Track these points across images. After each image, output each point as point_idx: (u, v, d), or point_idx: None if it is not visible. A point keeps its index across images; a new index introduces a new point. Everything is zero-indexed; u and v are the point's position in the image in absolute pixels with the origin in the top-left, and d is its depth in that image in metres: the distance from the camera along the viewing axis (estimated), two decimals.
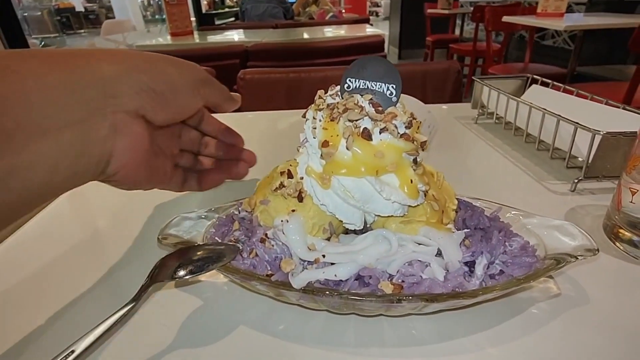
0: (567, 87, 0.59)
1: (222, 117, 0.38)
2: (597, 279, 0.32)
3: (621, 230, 0.35)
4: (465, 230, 0.28)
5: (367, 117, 0.25)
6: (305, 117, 0.28)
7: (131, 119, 0.25)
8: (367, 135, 0.24)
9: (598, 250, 0.27)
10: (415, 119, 0.27)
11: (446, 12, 4.25)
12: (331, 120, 0.25)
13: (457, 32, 5.13)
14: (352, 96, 0.26)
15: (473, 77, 0.67)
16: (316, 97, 0.28)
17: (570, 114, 0.47)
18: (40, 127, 0.20)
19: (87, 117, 0.22)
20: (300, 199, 0.27)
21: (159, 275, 0.25)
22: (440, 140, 0.67)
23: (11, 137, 0.19)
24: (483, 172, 0.53)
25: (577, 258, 0.26)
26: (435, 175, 0.30)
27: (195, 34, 2.65)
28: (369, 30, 2.62)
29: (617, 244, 0.35)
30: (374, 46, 1.80)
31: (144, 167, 0.27)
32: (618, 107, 0.49)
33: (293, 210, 0.27)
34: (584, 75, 3.45)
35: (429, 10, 4.43)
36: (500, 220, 0.31)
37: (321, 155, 0.25)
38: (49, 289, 0.32)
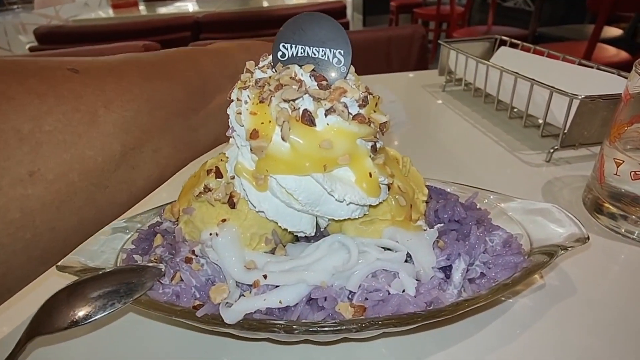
0: (538, 47, 0.55)
1: None
2: (582, 261, 0.28)
3: (605, 204, 0.32)
4: (439, 225, 0.23)
5: (307, 95, 0.18)
6: (229, 99, 0.21)
7: None
8: (308, 119, 0.18)
9: (588, 238, 0.23)
10: (372, 93, 0.21)
11: None
12: (261, 102, 0.19)
13: None
14: (288, 67, 0.19)
15: (439, 41, 0.61)
16: (243, 71, 0.21)
17: (543, 77, 0.43)
18: (213, 91, 0.27)
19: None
20: (232, 204, 0.21)
21: (44, 323, 0.19)
22: (406, 110, 0.62)
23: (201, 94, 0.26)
24: (452, 145, 0.49)
25: (567, 249, 0.23)
26: (400, 161, 0.25)
27: (142, 5, 2.41)
28: None
29: (600, 218, 0.32)
30: (334, 13, 1.69)
31: None
32: (592, 67, 0.46)
33: (224, 220, 0.21)
34: (544, 36, 3.50)
35: None
36: (478, 207, 0.26)
37: (251, 148, 0.19)
38: None
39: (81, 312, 0.19)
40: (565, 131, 0.39)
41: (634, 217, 0.30)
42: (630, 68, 0.30)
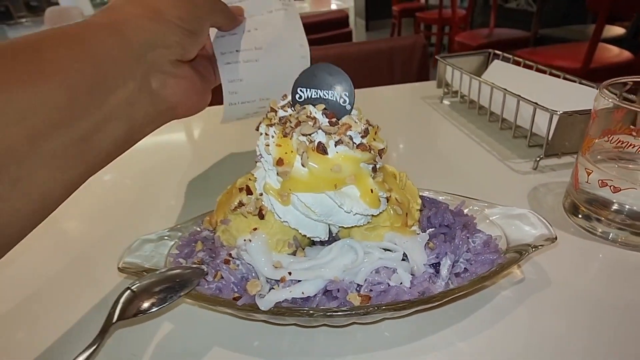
0: (526, 62, 0.59)
1: (192, 118, 0.36)
2: (558, 259, 0.33)
3: (580, 208, 0.36)
4: (430, 230, 0.28)
5: (320, 130, 0.24)
6: (258, 131, 0.26)
7: (174, 67, 0.29)
8: (322, 149, 0.23)
9: (556, 238, 0.28)
10: (372, 125, 0.26)
11: None
12: (284, 136, 0.24)
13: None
14: (305, 107, 0.25)
15: (436, 57, 0.66)
16: (268, 110, 0.26)
17: (530, 90, 0.48)
18: (112, 83, 0.23)
19: (138, 77, 0.25)
20: (261, 216, 0.26)
21: (120, 312, 0.24)
22: (406, 121, 0.67)
23: (92, 92, 0.21)
24: (449, 153, 0.54)
25: (538, 248, 0.27)
26: (397, 176, 0.30)
27: None
28: (334, 4, 2.55)
29: (577, 220, 0.37)
30: (338, 22, 1.75)
31: (197, 95, 0.33)
32: (574, 82, 0.50)
33: (255, 229, 0.26)
34: (546, 38, 3.52)
35: None
36: (465, 213, 0.31)
37: (277, 172, 0.24)
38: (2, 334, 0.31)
39: (146, 304, 0.24)
40: (549, 142, 0.44)
41: (605, 219, 0.35)
42: (632, 68, 0.34)
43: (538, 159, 0.46)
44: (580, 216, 0.37)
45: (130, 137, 0.26)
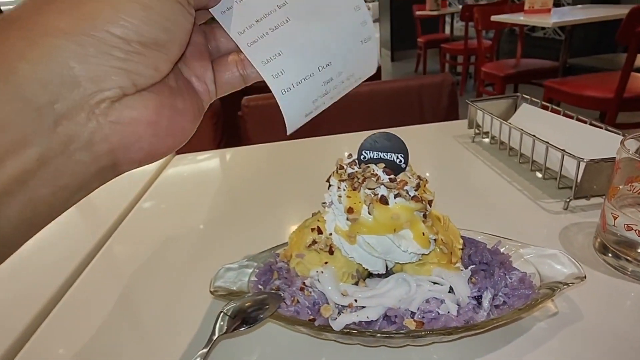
0: (554, 107, 0.64)
1: (228, 152, 0.43)
2: (590, 295, 0.37)
3: (610, 248, 0.40)
4: (472, 266, 0.33)
5: (382, 185, 0.30)
6: (328, 183, 0.33)
7: (122, 106, 0.19)
8: (384, 201, 0.30)
9: (585, 276, 0.32)
10: (422, 179, 0.32)
11: (435, 13, 4.31)
12: (353, 190, 0.30)
13: (448, 30, 5.19)
14: (369, 166, 0.31)
15: (467, 101, 0.72)
16: (336, 165, 0.33)
17: (558, 135, 0.52)
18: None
19: (43, 141, 0.17)
20: (331, 252, 0.32)
21: (223, 328, 0.30)
22: (440, 159, 0.72)
23: None
24: (482, 192, 0.58)
25: (568, 285, 0.32)
26: (441, 219, 0.35)
27: None
28: None
29: (606, 258, 0.40)
30: None
31: (172, 122, 0.21)
32: (601, 128, 0.54)
33: (326, 263, 0.32)
34: (576, 67, 3.50)
35: (418, 12, 4.49)
36: (501, 252, 0.36)
37: (347, 218, 0.30)
38: (110, 341, 0.38)
39: (243, 320, 0.31)
40: (577, 186, 0.48)
41: (634, 260, 0.38)
42: None
43: (568, 200, 0.50)
44: (610, 255, 0.40)
45: (37, 216, 0.18)
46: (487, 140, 0.72)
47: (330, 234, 0.33)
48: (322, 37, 0.26)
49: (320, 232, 0.34)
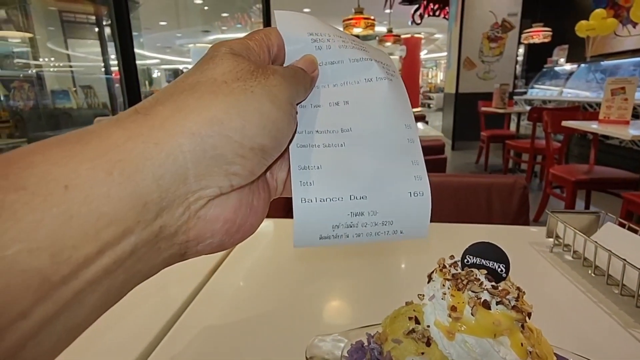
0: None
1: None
2: None
3: None
4: None
5: (485, 291, 0.34)
6: (429, 277, 0.37)
7: (214, 204, 0.21)
8: (487, 305, 0.33)
9: None
10: (521, 290, 0.35)
11: (501, 111, 4.42)
12: (457, 290, 0.34)
13: (513, 126, 5.24)
14: (472, 271, 0.35)
15: (547, 211, 0.74)
16: (439, 265, 0.38)
17: None
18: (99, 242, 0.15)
19: (143, 231, 0.17)
20: (428, 344, 0.35)
21: None
22: (516, 265, 0.72)
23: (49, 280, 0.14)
24: (565, 309, 0.57)
25: None
26: (534, 331, 0.37)
27: None
28: (425, 128, 2.83)
29: None
30: (436, 149, 1.95)
31: (244, 219, 0.23)
32: None
33: (422, 353, 0.35)
34: None
35: (483, 109, 4.64)
36: None
37: (449, 315, 0.34)
38: None
39: None
40: None
41: None
42: None
43: None
44: None
45: (106, 303, 0.18)
46: (567, 252, 0.71)
47: (428, 326, 0.36)
48: (366, 172, 0.27)
49: (417, 322, 0.37)
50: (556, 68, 5.99)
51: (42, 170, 0.15)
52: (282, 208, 1.43)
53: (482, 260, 0.36)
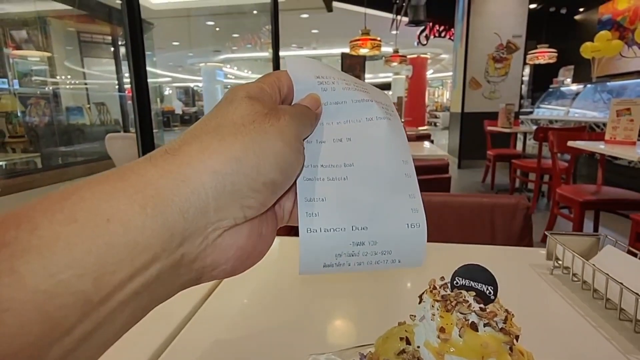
0: None
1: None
2: None
3: None
4: None
5: (473, 313, 0.34)
6: (420, 298, 0.38)
7: (229, 234, 0.22)
8: (474, 327, 0.34)
9: None
10: (509, 312, 0.36)
11: (506, 130, 4.42)
12: (446, 311, 0.35)
13: (519, 145, 5.23)
14: (461, 292, 0.36)
15: (546, 232, 0.74)
16: (430, 286, 0.39)
17: None
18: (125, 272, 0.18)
19: (168, 259, 0.20)
20: None
21: None
22: (515, 286, 0.72)
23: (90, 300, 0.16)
24: (563, 332, 0.57)
25: None
26: (525, 354, 0.37)
27: None
28: (430, 147, 2.86)
29: None
30: (440, 168, 1.96)
31: (253, 246, 0.25)
32: None
33: None
34: None
35: (489, 128, 4.65)
36: None
37: (438, 336, 0.35)
38: None
39: None
40: None
41: None
42: None
43: None
44: None
45: (129, 323, 0.20)
46: (567, 275, 0.71)
47: (419, 347, 0.37)
48: (367, 204, 0.28)
49: (408, 342, 0.38)
50: (562, 88, 6.02)
51: (90, 205, 0.18)
52: (283, 227, 1.44)
53: (471, 282, 0.37)
